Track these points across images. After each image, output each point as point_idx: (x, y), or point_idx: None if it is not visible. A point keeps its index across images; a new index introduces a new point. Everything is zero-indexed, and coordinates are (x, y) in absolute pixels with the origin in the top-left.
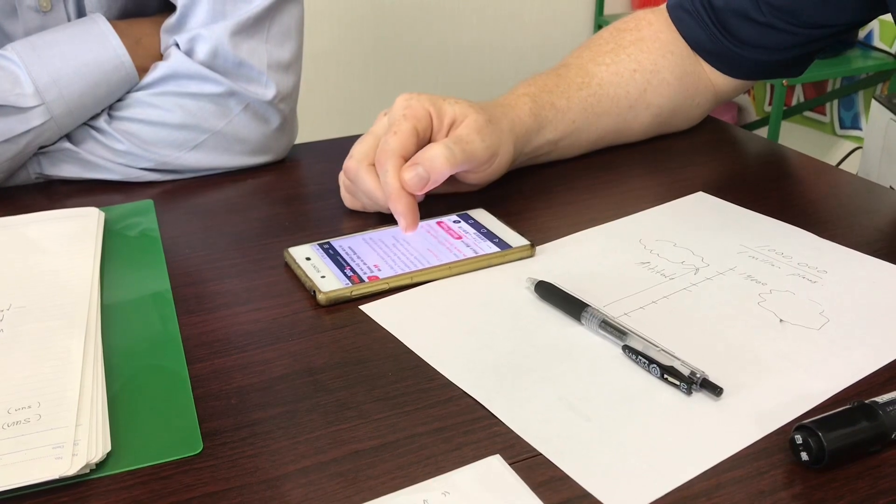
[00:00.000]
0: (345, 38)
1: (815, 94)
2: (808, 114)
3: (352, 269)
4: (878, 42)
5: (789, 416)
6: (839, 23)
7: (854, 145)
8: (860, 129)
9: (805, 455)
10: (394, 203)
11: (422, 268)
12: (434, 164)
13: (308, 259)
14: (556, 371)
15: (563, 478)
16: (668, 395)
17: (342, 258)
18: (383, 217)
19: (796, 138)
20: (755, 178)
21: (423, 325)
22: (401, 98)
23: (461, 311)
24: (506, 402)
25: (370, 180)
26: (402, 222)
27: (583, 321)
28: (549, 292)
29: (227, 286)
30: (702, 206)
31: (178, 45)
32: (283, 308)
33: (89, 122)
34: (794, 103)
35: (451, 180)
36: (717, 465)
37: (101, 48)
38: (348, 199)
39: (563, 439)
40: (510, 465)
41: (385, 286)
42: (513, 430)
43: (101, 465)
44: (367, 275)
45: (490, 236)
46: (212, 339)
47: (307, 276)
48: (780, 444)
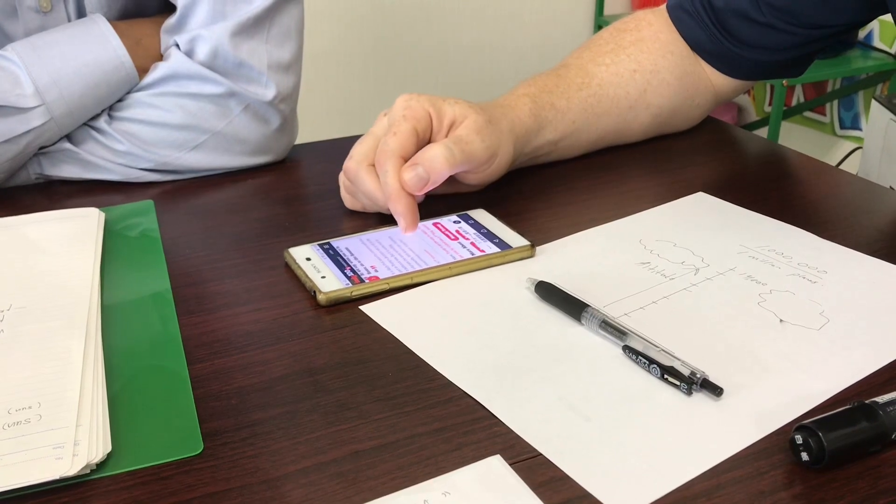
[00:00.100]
0: (345, 38)
1: (815, 94)
2: (808, 114)
3: (352, 270)
4: (878, 42)
5: (789, 417)
6: (839, 23)
7: (854, 145)
8: (860, 129)
9: (805, 455)
10: (393, 203)
11: (422, 268)
12: (434, 164)
13: (308, 259)
14: (556, 371)
15: (564, 478)
16: (668, 395)
17: (342, 258)
18: (383, 217)
19: (796, 138)
20: (755, 178)
21: (424, 325)
22: (401, 98)
23: (461, 312)
24: (506, 402)
25: (370, 181)
26: (401, 223)
27: (583, 321)
28: (549, 292)
29: (227, 286)
30: (702, 206)
31: (178, 46)
32: (283, 308)
33: (89, 123)
34: (794, 103)
35: (451, 181)
36: (718, 466)
37: (101, 49)
38: (348, 200)
39: (563, 439)
40: (510, 465)
41: (385, 286)
42: (513, 431)
43: (101, 465)
44: (367, 275)
45: (490, 236)
46: (212, 340)
47: (307, 277)
48: (780, 444)
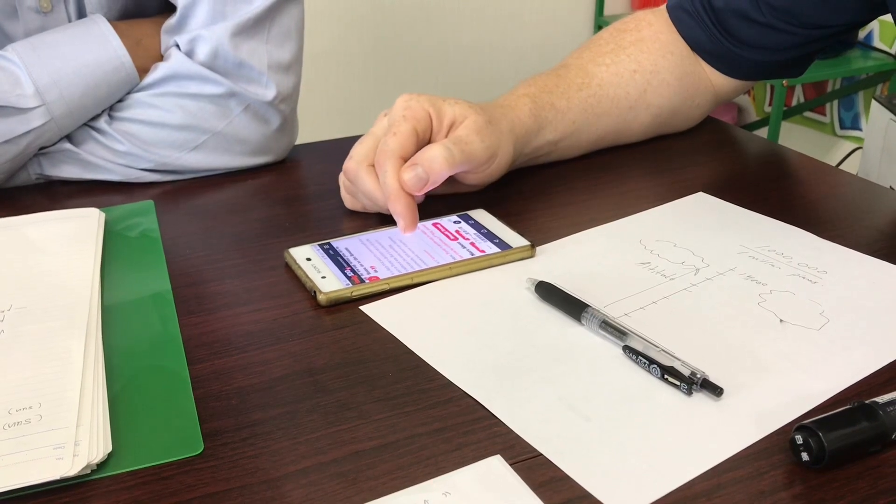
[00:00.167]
0: (345, 38)
1: (815, 94)
2: (808, 114)
3: (352, 270)
4: (878, 42)
5: (790, 417)
6: (839, 23)
7: (854, 146)
8: (860, 129)
9: (805, 455)
10: (393, 204)
11: (422, 268)
12: (433, 164)
13: (308, 259)
14: (556, 371)
15: (564, 478)
16: (668, 395)
17: (342, 259)
18: (383, 218)
19: (796, 139)
20: (755, 178)
21: (424, 325)
22: (401, 99)
23: (461, 312)
24: (506, 402)
25: (370, 181)
26: (400, 223)
27: (583, 321)
28: (549, 293)
29: (227, 287)
30: (702, 206)
31: (178, 46)
32: (283, 309)
33: (90, 123)
34: (794, 104)
35: (451, 181)
36: (718, 466)
37: (101, 49)
38: (348, 200)
39: (563, 439)
40: (510, 465)
41: (385, 287)
42: (513, 431)
43: (101, 465)
44: (367, 275)
45: (490, 237)
46: (212, 340)
47: (308, 277)
48: (780, 444)
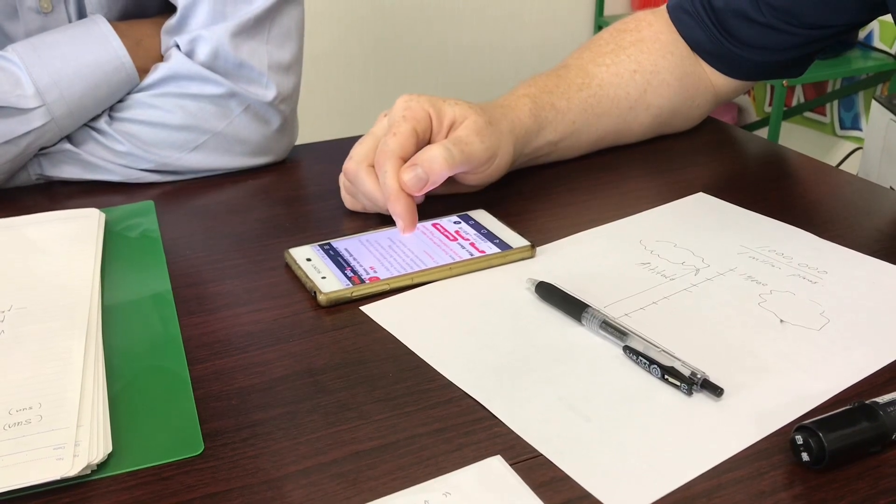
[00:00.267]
0: (345, 39)
1: (815, 94)
2: (808, 114)
3: (352, 270)
4: (878, 43)
5: (790, 417)
6: (839, 23)
7: (854, 146)
8: (860, 129)
9: (805, 455)
10: (392, 204)
11: (422, 268)
12: (433, 165)
13: (308, 260)
14: (556, 371)
15: (564, 478)
16: (668, 395)
17: (343, 259)
18: (384, 218)
19: (796, 139)
20: (755, 178)
21: (424, 325)
22: (401, 99)
23: (462, 312)
24: (506, 402)
25: (369, 181)
26: (400, 223)
27: (583, 322)
28: (549, 293)
29: (227, 287)
30: (702, 206)
31: (178, 47)
32: (283, 309)
33: (90, 124)
34: (794, 104)
35: (451, 181)
36: (718, 466)
37: (101, 49)
38: (348, 200)
39: (563, 440)
40: (511, 465)
41: (386, 287)
42: (513, 431)
43: (102, 465)
44: (367, 276)
45: (490, 237)
46: (212, 340)
47: (308, 277)
48: (780, 444)
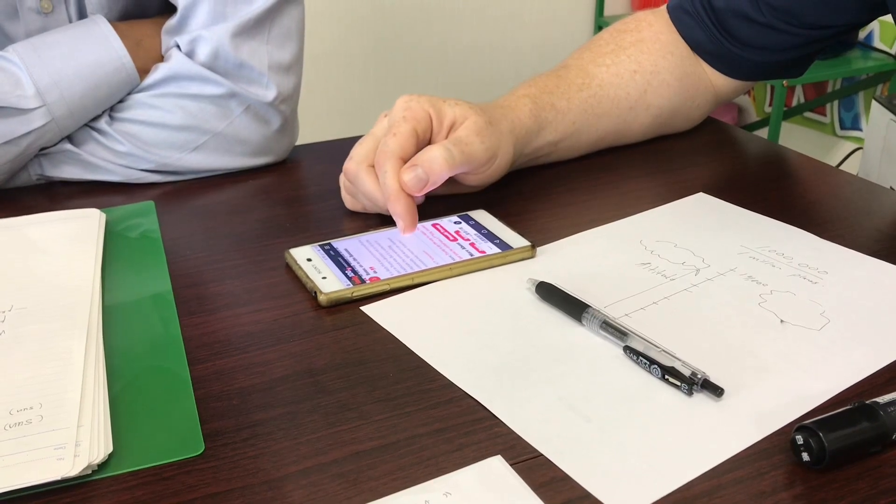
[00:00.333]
0: (345, 39)
1: (815, 94)
2: (808, 114)
3: (353, 270)
4: (878, 43)
5: (790, 417)
6: (839, 24)
7: (854, 146)
8: (860, 129)
9: (806, 456)
10: (392, 204)
11: (422, 269)
12: (433, 165)
13: (309, 260)
14: (556, 372)
15: (564, 478)
16: (668, 395)
17: (343, 259)
18: (384, 218)
19: (796, 139)
20: (755, 178)
21: (424, 325)
22: (401, 100)
23: (462, 312)
24: (507, 402)
25: (370, 182)
26: (400, 224)
27: (584, 322)
28: (549, 293)
29: (228, 287)
30: (702, 206)
31: (178, 47)
32: (284, 309)
33: (90, 124)
34: (794, 104)
35: (451, 181)
36: (718, 466)
37: (102, 50)
38: (349, 201)
39: (563, 440)
40: (511, 465)
41: (386, 287)
42: (514, 431)
43: (102, 466)
44: (367, 276)
45: (491, 237)
46: (213, 341)
47: (308, 277)
48: (780, 444)
